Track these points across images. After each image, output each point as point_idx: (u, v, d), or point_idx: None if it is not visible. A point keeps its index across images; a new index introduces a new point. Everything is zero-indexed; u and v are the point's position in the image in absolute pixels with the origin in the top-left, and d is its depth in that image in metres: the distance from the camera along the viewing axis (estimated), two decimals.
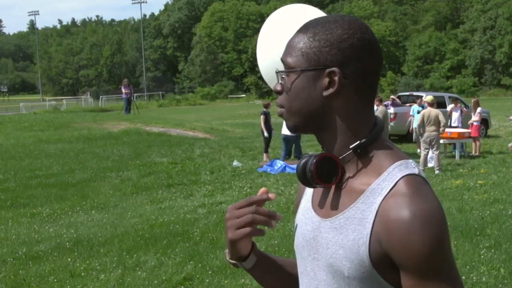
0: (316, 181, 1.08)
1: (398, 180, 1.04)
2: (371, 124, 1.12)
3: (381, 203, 1.03)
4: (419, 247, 0.98)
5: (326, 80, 1.07)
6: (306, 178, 1.10)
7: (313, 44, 1.07)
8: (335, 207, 1.11)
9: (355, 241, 1.04)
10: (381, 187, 1.05)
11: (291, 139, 12.05)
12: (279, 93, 1.13)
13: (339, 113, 1.09)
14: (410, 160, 1.10)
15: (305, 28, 1.11)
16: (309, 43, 1.08)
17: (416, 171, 1.06)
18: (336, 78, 1.06)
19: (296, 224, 1.23)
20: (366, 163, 1.10)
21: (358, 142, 1.09)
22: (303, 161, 1.11)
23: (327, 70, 1.06)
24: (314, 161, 1.08)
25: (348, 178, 1.10)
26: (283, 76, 1.12)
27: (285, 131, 11.91)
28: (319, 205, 1.16)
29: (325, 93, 1.07)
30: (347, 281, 1.06)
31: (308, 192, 1.24)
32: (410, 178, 1.05)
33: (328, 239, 1.10)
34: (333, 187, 1.12)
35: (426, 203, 1.00)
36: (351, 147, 1.09)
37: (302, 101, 1.09)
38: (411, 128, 14.52)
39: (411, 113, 14.74)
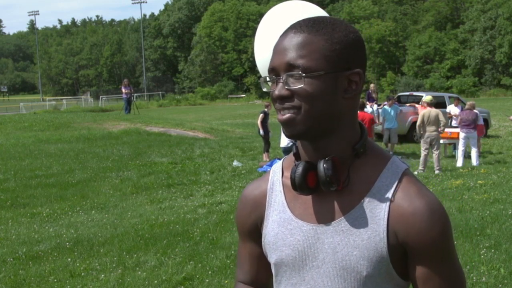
0: (334, 185, 1.05)
1: (401, 176, 1.07)
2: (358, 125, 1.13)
3: (391, 198, 1.05)
4: (439, 235, 1.02)
5: (346, 81, 1.05)
6: (304, 184, 1.06)
7: (333, 46, 1.03)
8: (334, 210, 1.08)
9: (371, 239, 1.04)
10: (386, 183, 1.06)
11: (291, 149, 12.14)
12: (286, 97, 1.04)
13: (348, 115, 1.08)
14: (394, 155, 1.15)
15: (312, 28, 1.05)
16: (329, 45, 1.03)
17: (406, 165, 1.11)
18: (358, 80, 1.06)
19: (271, 238, 1.16)
20: (363, 162, 1.09)
21: (360, 142, 1.09)
22: (300, 168, 1.07)
23: (350, 72, 1.05)
24: (329, 165, 1.04)
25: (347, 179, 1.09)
26: (290, 79, 1.03)
27: (283, 143, 11.94)
28: (307, 213, 1.12)
29: (346, 95, 1.06)
30: (364, 280, 1.05)
31: (276, 203, 1.18)
32: (408, 172, 1.09)
33: (335, 243, 1.07)
34: (324, 192, 1.09)
35: (432, 194, 1.05)
36: (356, 147, 1.08)
37: (325, 104, 1.03)
38: (382, 129, 13.49)
39: (381, 114, 13.69)
